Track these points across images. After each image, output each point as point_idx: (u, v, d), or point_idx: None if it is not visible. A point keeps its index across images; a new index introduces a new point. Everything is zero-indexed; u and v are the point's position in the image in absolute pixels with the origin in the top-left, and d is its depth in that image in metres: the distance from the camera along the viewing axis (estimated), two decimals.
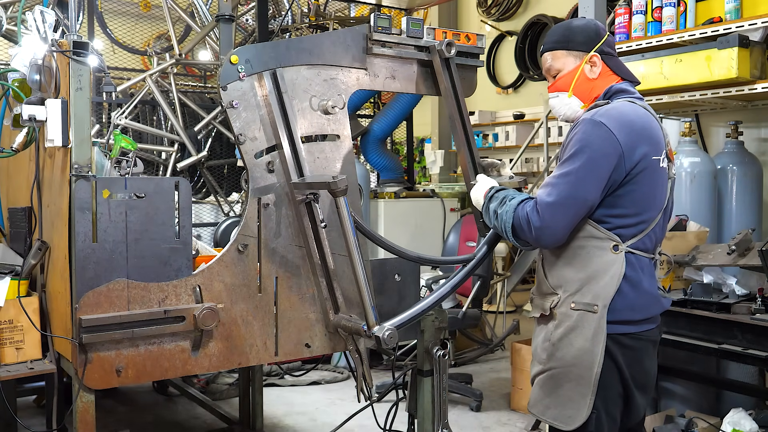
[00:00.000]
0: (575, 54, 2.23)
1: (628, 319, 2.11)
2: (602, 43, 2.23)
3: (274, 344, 2.45)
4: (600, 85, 2.23)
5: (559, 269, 2.19)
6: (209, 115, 5.32)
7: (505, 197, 2.22)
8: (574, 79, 2.23)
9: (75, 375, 2.21)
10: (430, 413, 2.78)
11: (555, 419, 2.16)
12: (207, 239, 5.60)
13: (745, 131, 3.86)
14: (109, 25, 7.43)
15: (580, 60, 2.23)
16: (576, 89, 2.24)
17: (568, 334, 2.12)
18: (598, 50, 2.22)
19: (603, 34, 2.24)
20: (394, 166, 6.48)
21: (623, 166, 2.05)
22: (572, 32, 2.25)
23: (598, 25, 2.28)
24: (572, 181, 2.05)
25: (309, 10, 6.52)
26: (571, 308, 2.13)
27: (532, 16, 8.23)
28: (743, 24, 3.24)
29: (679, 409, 3.64)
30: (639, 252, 2.12)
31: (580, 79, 2.23)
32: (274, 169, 2.43)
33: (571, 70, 2.24)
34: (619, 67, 2.27)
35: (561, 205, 2.05)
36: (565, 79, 2.25)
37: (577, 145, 2.06)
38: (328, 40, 2.56)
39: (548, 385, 2.18)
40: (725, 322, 3.07)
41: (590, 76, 2.23)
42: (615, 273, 2.08)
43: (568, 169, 2.06)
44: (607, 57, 2.24)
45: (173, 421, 4.41)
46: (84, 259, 2.19)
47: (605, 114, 2.08)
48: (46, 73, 2.41)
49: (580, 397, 2.10)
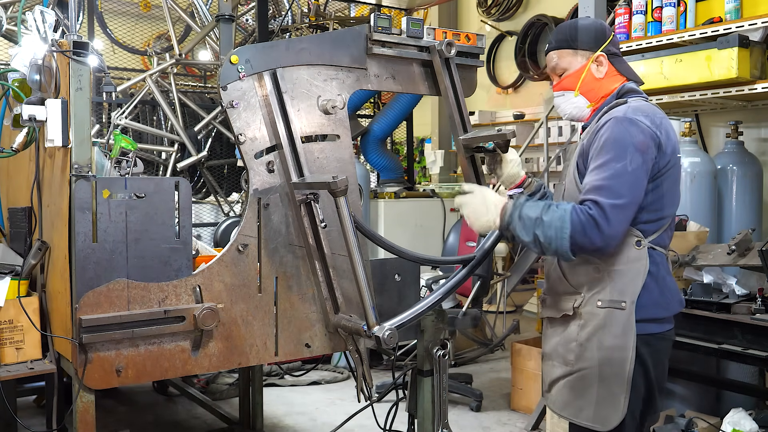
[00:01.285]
0: (582, 53, 2.22)
1: (655, 317, 2.09)
2: (608, 43, 2.22)
3: (274, 344, 2.45)
4: (606, 85, 2.23)
5: (581, 267, 2.14)
6: (209, 115, 5.32)
7: (545, 205, 2.05)
8: (580, 79, 2.22)
9: (75, 375, 2.21)
10: (430, 413, 2.78)
11: (591, 420, 2.10)
12: (207, 239, 5.61)
13: (745, 131, 3.86)
14: (109, 25, 7.44)
15: (587, 59, 2.22)
16: (582, 88, 2.23)
17: (596, 333, 2.08)
18: (605, 50, 2.22)
19: (609, 34, 2.24)
20: (394, 166, 6.49)
21: (658, 162, 2.04)
22: (579, 31, 2.24)
23: (604, 25, 2.27)
24: (631, 181, 1.99)
25: (309, 10, 6.52)
26: (597, 306, 2.09)
27: (532, 16, 8.23)
28: (743, 24, 3.24)
29: (679, 409, 3.64)
30: (659, 248, 2.11)
31: (587, 79, 2.22)
32: (274, 169, 2.43)
33: (577, 70, 2.23)
34: (624, 67, 2.26)
35: (627, 207, 1.99)
36: (572, 78, 2.24)
37: (620, 144, 2.01)
38: (328, 40, 2.56)
39: (579, 387, 2.13)
40: (725, 322, 3.07)
41: (597, 76, 2.22)
42: (640, 269, 2.06)
43: (619, 168, 1.99)
44: (612, 57, 2.24)
45: (173, 421, 4.41)
46: (84, 259, 2.19)
47: (637, 111, 2.06)
48: (46, 73, 2.41)
49: (615, 396, 2.06)
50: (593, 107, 2.25)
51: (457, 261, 2.69)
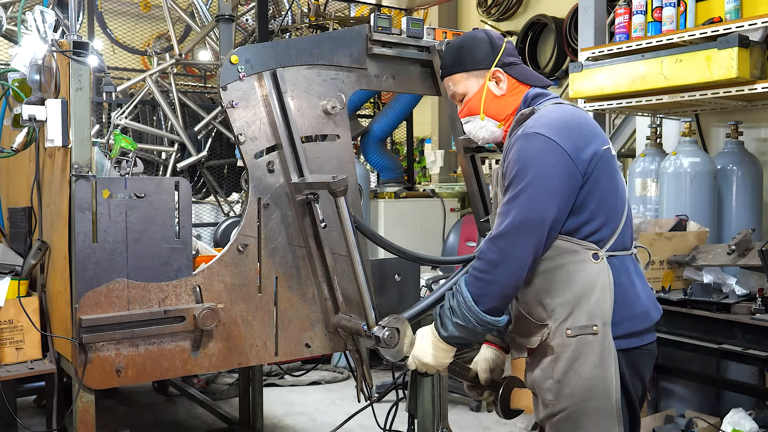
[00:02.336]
0: (476, 74, 2.07)
1: (631, 331, 1.92)
2: (502, 55, 2.06)
3: (274, 344, 2.45)
4: (511, 101, 2.07)
5: (540, 298, 1.94)
6: (209, 115, 5.32)
7: (445, 296, 1.97)
8: (482, 101, 2.07)
9: (75, 375, 2.21)
10: (430, 413, 2.78)
11: None
12: (207, 239, 5.60)
13: (745, 131, 3.86)
14: (109, 25, 7.43)
15: (483, 78, 2.06)
16: (487, 110, 2.07)
17: (571, 365, 1.88)
18: (499, 63, 2.05)
19: (499, 46, 2.07)
20: (394, 166, 6.49)
21: (577, 170, 1.86)
22: (465, 51, 2.08)
23: (490, 36, 2.09)
24: (523, 203, 1.84)
25: (309, 10, 6.52)
26: (567, 336, 1.88)
27: (532, 16, 8.22)
28: (743, 24, 3.23)
29: (679, 409, 3.63)
30: (619, 252, 1.94)
31: (488, 99, 2.06)
32: (274, 169, 2.43)
33: (476, 92, 2.07)
34: (525, 74, 2.09)
35: (517, 231, 1.84)
36: (473, 102, 2.08)
37: (518, 164, 1.87)
38: (328, 40, 2.56)
39: (566, 428, 1.92)
40: (725, 322, 3.07)
41: (498, 93, 2.06)
42: (604, 284, 1.88)
43: (515, 192, 1.86)
44: (509, 68, 2.07)
45: (173, 421, 4.41)
46: (84, 259, 2.19)
47: (536, 124, 1.90)
48: (46, 73, 2.41)
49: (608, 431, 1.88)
50: (505, 127, 2.09)
51: (457, 261, 2.69)
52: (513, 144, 1.92)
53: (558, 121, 1.91)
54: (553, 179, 1.84)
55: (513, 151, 1.91)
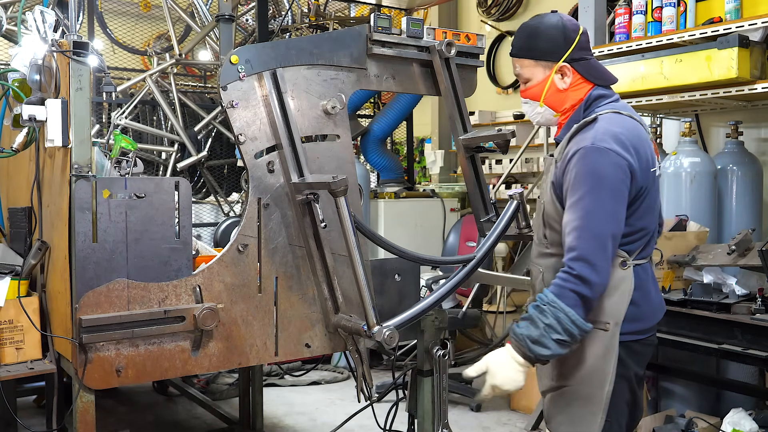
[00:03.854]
0: (543, 64, 2.10)
1: (638, 329, 2.06)
2: (573, 50, 2.07)
3: (274, 344, 2.45)
4: (572, 96, 2.12)
5: None
6: (209, 115, 5.32)
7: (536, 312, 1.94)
8: (544, 91, 2.12)
9: (75, 375, 2.21)
10: (430, 413, 2.78)
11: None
12: (207, 239, 5.60)
13: (745, 131, 3.86)
14: (109, 25, 7.43)
15: (549, 70, 2.09)
16: (547, 100, 2.13)
17: (576, 350, 2.02)
18: (568, 59, 2.08)
19: (572, 39, 2.07)
20: (394, 166, 6.48)
21: (634, 188, 1.97)
22: (537, 39, 2.10)
23: (566, 29, 2.09)
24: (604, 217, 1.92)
25: (309, 10, 6.51)
26: None
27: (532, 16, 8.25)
28: (743, 24, 3.23)
29: (679, 409, 3.64)
30: (644, 261, 2.07)
31: (551, 91, 2.11)
32: (274, 169, 2.43)
33: (540, 81, 2.12)
34: (591, 72, 2.12)
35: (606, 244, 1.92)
36: (536, 89, 2.13)
37: (592, 177, 1.93)
38: (328, 40, 2.56)
39: (559, 403, 2.12)
40: (725, 322, 3.07)
41: (561, 87, 2.10)
42: (626, 289, 2.01)
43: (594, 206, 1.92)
44: (577, 63, 2.09)
45: (173, 421, 4.41)
46: (84, 259, 2.19)
47: (604, 138, 1.95)
48: (46, 73, 2.41)
49: (590, 415, 2.03)
50: (561, 118, 2.15)
51: (457, 261, 2.69)
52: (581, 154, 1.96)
53: (623, 136, 1.97)
54: (625, 194, 1.94)
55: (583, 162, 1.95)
